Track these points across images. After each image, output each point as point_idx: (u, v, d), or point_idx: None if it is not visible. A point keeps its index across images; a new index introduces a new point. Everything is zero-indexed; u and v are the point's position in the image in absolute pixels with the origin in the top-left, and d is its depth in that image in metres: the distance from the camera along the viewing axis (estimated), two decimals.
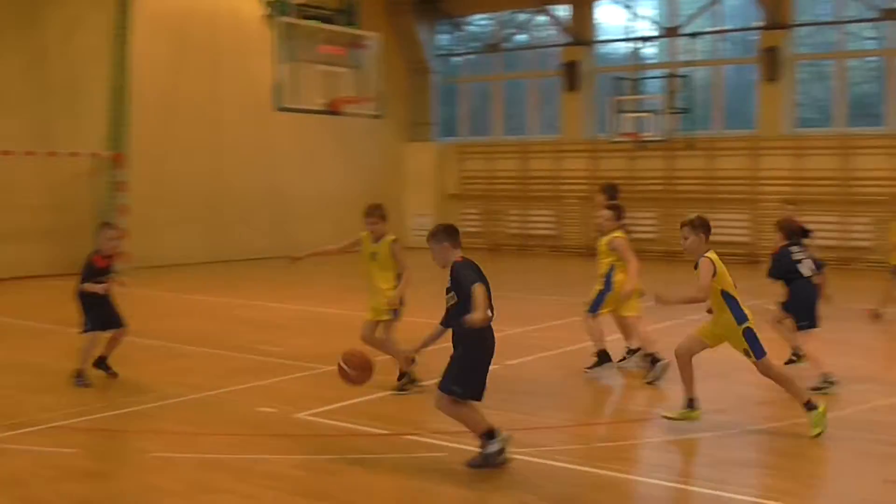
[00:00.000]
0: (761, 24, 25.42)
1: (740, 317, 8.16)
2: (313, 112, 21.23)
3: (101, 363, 10.58)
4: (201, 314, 16.09)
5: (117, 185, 22.25)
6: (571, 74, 27.97)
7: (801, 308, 10.17)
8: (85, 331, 10.36)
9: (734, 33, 27.50)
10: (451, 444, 7.86)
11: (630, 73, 27.09)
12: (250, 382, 10.43)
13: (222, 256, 24.64)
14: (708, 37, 27.19)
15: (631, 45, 27.81)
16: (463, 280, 7.16)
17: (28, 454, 7.70)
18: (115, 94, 22.39)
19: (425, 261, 7.73)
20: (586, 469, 7.34)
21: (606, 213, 11.00)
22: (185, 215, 24.15)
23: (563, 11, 28.45)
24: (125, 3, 22.40)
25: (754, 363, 8.25)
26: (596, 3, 28.19)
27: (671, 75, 26.46)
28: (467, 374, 7.23)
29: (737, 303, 8.19)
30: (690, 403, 8.43)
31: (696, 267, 8.28)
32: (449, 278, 7.31)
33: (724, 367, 10.39)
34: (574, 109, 28.22)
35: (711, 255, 8.23)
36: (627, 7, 27.79)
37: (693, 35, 26.56)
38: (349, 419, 8.81)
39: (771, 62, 24.91)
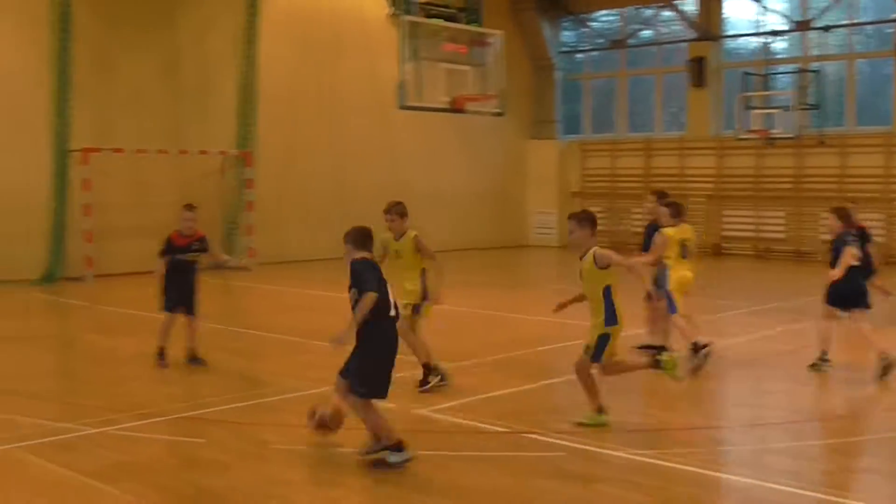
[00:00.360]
0: None
1: (610, 320, 8.19)
2: (436, 110, 21.29)
3: (192, 358, 10.88)
4: (324, 309, 16.28)
5: (245, 182, 22.81)
6: (698, 70, 27.44)
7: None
8: (161, 310, 10.83)
9: (869, 26, 26.57)
10: (570, 444, 7.82)
11: (759, 68, 26.44)
12: None
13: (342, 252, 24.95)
14: (841, 30, 26.35)
15: (760, 39, 27.13)
16: (362, 282, 7.28)
17: (157, 443, 7.96)
18: (244, 95, 22.98)
19: (546, 257, 7.67)
20: (706, 472, 7.19)
21: (664, 209, 11.20)
22: (309, 212, 24.56)
23: (689, 6, 27.95)
24: (254, 5, 22.97)
25: (585, 360, 8.30)
26: None
27: (802, 70, 25.73)
28: (369, 374, 7.28)
29: (613, 306, 8.22)
30: (600, 410, 8.37)
31: (581, 258, 8.34)
32: (349, 275, 7.43)
33: (848, 373, 10.07)
34: (700, 106, 27.69)
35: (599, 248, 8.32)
36: (757, 1, 27.12)
37: (826, 29, 25.76)
38: (469, 416, 8.81)
39: None
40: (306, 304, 17.18)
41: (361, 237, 7.66)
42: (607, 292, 8.19)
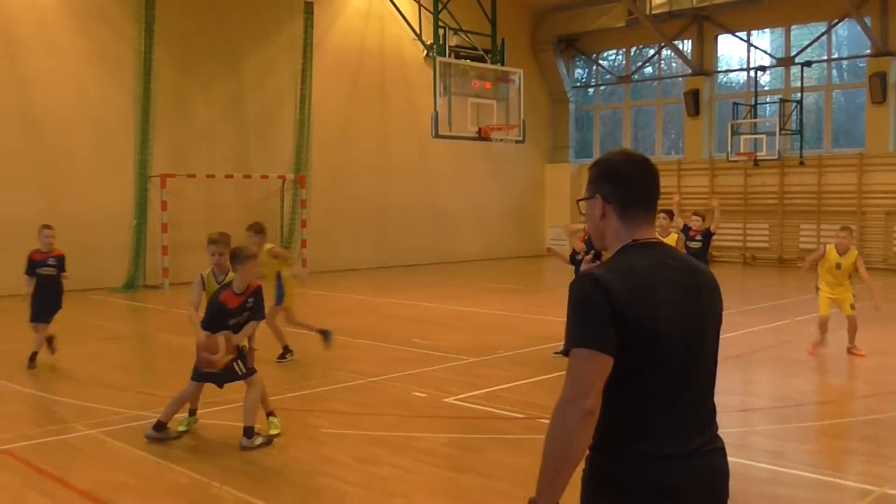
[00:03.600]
0: (870, 52, 24.28)
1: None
2: (466, 138, 21.33)
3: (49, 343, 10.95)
4: (368, 312, 16.39)
5: (300, 202, 22.94)
6: (694, 101, 27.33)
7: None
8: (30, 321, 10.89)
9: (844, 61, 26.33)
10: (511, 414, 7.83)
11: (747, 99, 26.30)
12: (407, 371, 10.56)
13: (387, 262, 25.09)
14: (820, 65, 26.13)
15: (748, 74, 26.99)
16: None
17: (223, 428, 8.00)
18: (299, 127, 23.15)
19: (560, 265, 7.66)
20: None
21: (663, 215, 11.18)
22: (356, 228, 24.68)
23: (686, 45, 27.83)
24: (308, 49, 23.15)
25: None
26: (716, 37, 27.47)
27: (784, 100, 25.55)
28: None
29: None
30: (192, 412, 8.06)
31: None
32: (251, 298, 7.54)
33: (829, 363, 9.96)
34: (696, 132, 27.56)
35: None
36: (745, 40, 26.97)
37: (807, 64, 25.57)
38: (491, 404, 8.83)
39: (878, 86, 23.74)
40: (352, 307, 17.24)
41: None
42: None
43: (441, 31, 20.80)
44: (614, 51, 30.66)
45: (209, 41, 21.69)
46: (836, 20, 24.90)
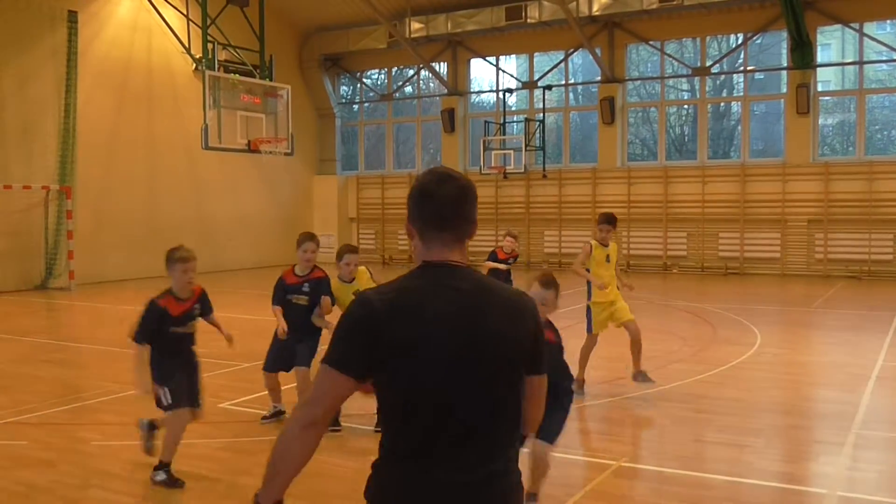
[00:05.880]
0: (601, 78, 26.04)
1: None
2: (235, 151, 20.87)
3: None
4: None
5: (66, 213, 21.51)
6: (450, 119, 28.17)
7: None
8: None
9: (580, 86, 28.09)
10: (348, 424, 7.82)
11: (496, 118, 27.41)
12: None
13: (158, 273, 23.87)
14: (558, 89, 27.71)
15: (497, 95, 28.15)
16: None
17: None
18: (64, 136, 21.69)
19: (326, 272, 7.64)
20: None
21: (606, 226, 9.42)
22: (125, 238, 23.42)
23: (442, 67, 28.65)
24: (73, 57, 21.74)
25: None
26: (469, 61, 28.46)
27: (529, 119, 26.88)
28: None
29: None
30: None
31: None
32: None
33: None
34: (452, 147, 28.41)
35: None
36: (494, 65, 28.13)
37: (548, 88, 27.02)
38: (265, 407, 8.65)
39: (608, 109, 25.52)
40: (121, 318, 16.32)
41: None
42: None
43: (210, 46, 20.25)
44: (377, 70, 31.04)
45: None
46: (572, 49, 26.50)
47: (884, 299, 18.11)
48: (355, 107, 31.84)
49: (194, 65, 24.33)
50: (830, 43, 26.02)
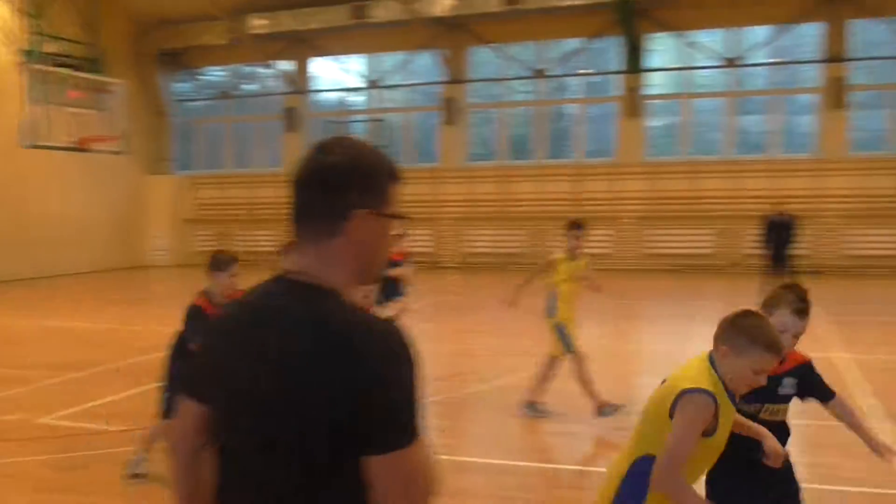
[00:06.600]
0: (443, 79, 26.31)
1: None
2: (62, 149, 19.85)
3: None
4: None
5: None
6: (291, 118, 27.77)
7: None
8: None
9: (422, 86, 28.28)
10: None
11: (340, 117, 27.23)
12: None
13: None
14: (401, 89, 27.80)
15: (340, 94, 27.97)
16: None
17: None
18: None
19: (160, 276, 7.35)
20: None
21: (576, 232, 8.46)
22: None
23: (285, 65, 28.20)
24: None
25: None
26: (312, 59, 28.14)
27: (372, 119, 26.84)
28: None
29: None
30: None
31: None
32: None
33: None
34: (293, 147, 27.93)
35: None
36: (338, 63, 27.93)
37: (391, 87, 27.05)
38: (91, 420, 8.24)
39: (450, 109, 25.83)
40: None
41: None
42: None
43: (37, 38, 19.17)
44: (217, 67, 30.18)
45: None
46: (416, 50, 26.63)
47: (708, 291, 19.16)
48: (194, 104, 30.86)
49: (18, 57, 22.91)
50: (660, 49, 27.22)
